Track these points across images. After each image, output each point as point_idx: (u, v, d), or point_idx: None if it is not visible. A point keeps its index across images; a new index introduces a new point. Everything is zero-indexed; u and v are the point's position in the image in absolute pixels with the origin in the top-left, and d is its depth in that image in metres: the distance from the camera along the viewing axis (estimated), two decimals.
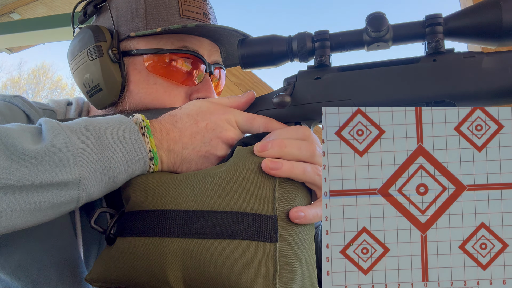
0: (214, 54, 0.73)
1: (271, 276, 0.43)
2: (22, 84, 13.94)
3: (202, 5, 0.71)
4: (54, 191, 0.44)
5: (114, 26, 0.68)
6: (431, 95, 0.49)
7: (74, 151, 0.45)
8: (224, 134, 0.54)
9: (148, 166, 0.52)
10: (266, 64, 0.57)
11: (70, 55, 0.71)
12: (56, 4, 3.08)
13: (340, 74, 0.53)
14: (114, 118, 0.51)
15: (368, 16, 0.51)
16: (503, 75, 0.47)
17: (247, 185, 0.46)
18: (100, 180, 0.47)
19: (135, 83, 0.67)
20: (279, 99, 0.52)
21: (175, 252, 0.45)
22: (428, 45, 0.50)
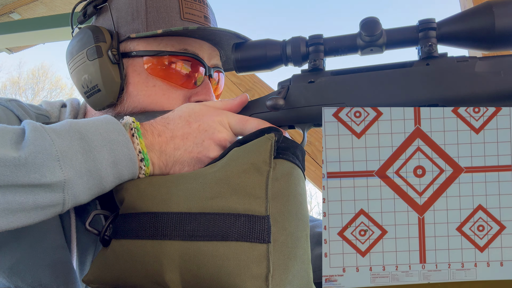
0: (214, 58, 0.72)
1: (264, 277, 0.43)
2: (22, 84, 13.95)
3: (202, 8, 0.71)
4: (37, 193, 0.44)
5: (114, 27, 0.68)
6: (424, 98, 0.49)
7: (57, 153, 0.44)
8: (217, 136, 0.54)
9: (137, 168, 0.51)
10: (261, 68, 0.57)
11: (68, 55, 0.71)
12: (56, 4, 3.08)
13: (334, 77, 0.53)
14: (100, 119, 0.51)
15: (362, 21, 0.51)
16: (496, 79, 0.47)
17: (239, 186, 0.46)
18: (87, 182, 0.47)
19: (134, 85, 0.67)
20: (272, 102, 0.52)
21: (170, 254, 0.45)
22: (421, 49, 0.51)
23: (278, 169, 0.48)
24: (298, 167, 0.50)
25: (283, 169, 0.48)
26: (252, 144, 0.49)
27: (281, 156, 0.49)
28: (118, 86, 0.66)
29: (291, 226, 0.46)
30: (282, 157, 0.49)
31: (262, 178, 0.46)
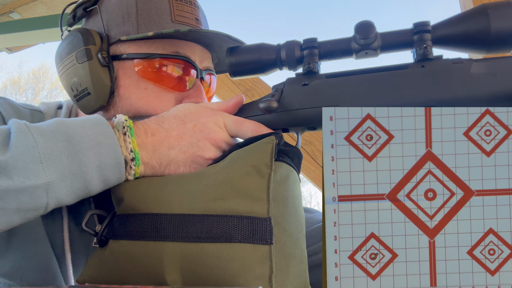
0: (205, 60, 0.71)
1: (268, 277, 0.43)
2: (22, 84, 13.90)
3: (194, 10, 0.70)
4: (20, 197, 0.43)
5: (104, 29, 0.67)
6: (420, 100, 0.49)
7: (40, 155, 0.44)
8: (213, 136, 0.53)
9: (124, 173, 0.50)
10: (255, 72, 0.57)
11: (58, 58, 0.69)
12: (56, 3, 3.07)
13: (328, 80, 0.53)
14: (90, 119, 0.50)
15: (356, 24, 0.51)
16: (492, 81, 0.47)
17: (241, 188, 0.46)
18: (71, 186, 0.46)
19: (125, 88, 0.66)
20: (266, 104, 0.51)
21: (172, 255, 0.45)
22: (416, 51, 0.50)
23: (278, 171, 0.48)
24: (294, 169, 0.51)
25: (282, 172, 0.49)
26: (253, 147, 0.50)
27: (280, 159, 0.49)
28: (108, 89, 0.65)
29: (291, 228, 0.47)
30: (280, 160, 0.49)
31: (263, 180, 0.47)
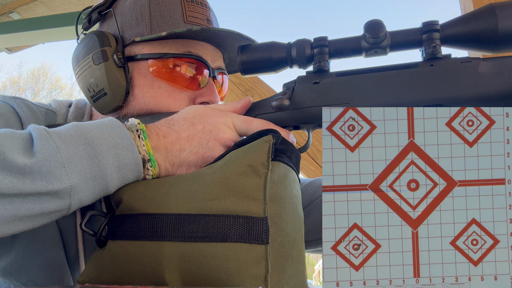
0: (217, 60, 0.73)
1: (263, 277, 0.43)
2: (22, 84, 13.95)
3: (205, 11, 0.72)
4: (44, 200, 0.44)
5: (118, 31, 0.69)
6: (429, 99, 0.49)
7: (63, 159, 0.45)
8: (222, 136, 0.54)
9: (141, 171, 0.51)
10: (266, 70, 0.58)
11: (74, 61, 0.71)
12: (56, 4, 3.08)
13: (339, 78, 0.54)
14: (105, 122, 0.51)
15: (366, 23, 0.52)
16: (500, 79, 0.48)
17: (238, 188, 0.46)
18: (92, 187, 0.47)
19: (139, 88, 0.68)
20: (278, 102, 0.52)
21: (169, 255, 0.45)
22: (425, 51, 0.51)
23: (275, 171, 0.48)
24: (293, 169, 0.51)
25: (279, 172, 0.49)
26: (250, 146, 0.50)
27: (277, 159, 0.49)
28: (124, 89, 0.67)
29: (288, 228, 0.47)
30: (278, 159, 0.49)
31: (260, 180, 0.47)
